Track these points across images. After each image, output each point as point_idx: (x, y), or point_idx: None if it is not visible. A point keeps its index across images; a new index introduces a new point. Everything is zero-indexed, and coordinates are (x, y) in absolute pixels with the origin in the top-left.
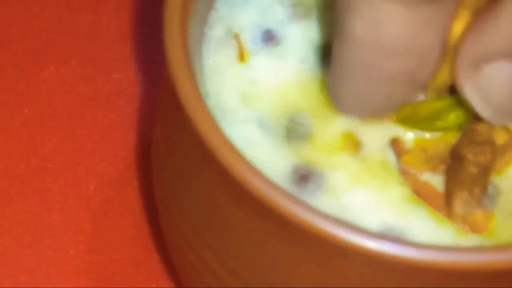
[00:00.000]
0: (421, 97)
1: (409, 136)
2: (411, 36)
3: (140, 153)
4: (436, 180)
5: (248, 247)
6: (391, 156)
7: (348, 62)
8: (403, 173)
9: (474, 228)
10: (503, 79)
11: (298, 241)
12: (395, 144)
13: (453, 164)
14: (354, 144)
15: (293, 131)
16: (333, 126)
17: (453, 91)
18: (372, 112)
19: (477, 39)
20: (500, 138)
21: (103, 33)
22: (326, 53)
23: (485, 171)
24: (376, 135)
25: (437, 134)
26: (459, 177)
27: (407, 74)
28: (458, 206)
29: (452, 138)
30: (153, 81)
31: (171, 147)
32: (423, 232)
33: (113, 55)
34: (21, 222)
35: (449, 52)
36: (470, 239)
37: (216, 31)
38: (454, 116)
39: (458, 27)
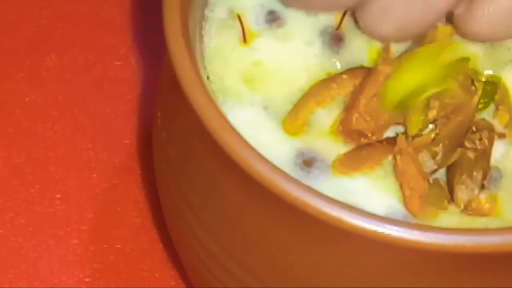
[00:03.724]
0: None
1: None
2: None
3: (143, 141)
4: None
5: (251, 233)
6: None
7: None
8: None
9: (480, 213)
10: None
11: (303, 226)
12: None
13: (452, 153)
14: None
15: None
16: (340, 111)
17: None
18: (312, 6)
19: None
20: (503, 119)
21: (104, 21)
22: (332, 38)
23: (484, 156)
24: None
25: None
26: (458, 164)
27: None
28: (460, 192)
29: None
30: (155, 68)
31: (172, 132)
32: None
33: (114, 42)
34: (23, 212)
35: None
36: (476, 222)
37: (217, 13)
38: None
39: None
